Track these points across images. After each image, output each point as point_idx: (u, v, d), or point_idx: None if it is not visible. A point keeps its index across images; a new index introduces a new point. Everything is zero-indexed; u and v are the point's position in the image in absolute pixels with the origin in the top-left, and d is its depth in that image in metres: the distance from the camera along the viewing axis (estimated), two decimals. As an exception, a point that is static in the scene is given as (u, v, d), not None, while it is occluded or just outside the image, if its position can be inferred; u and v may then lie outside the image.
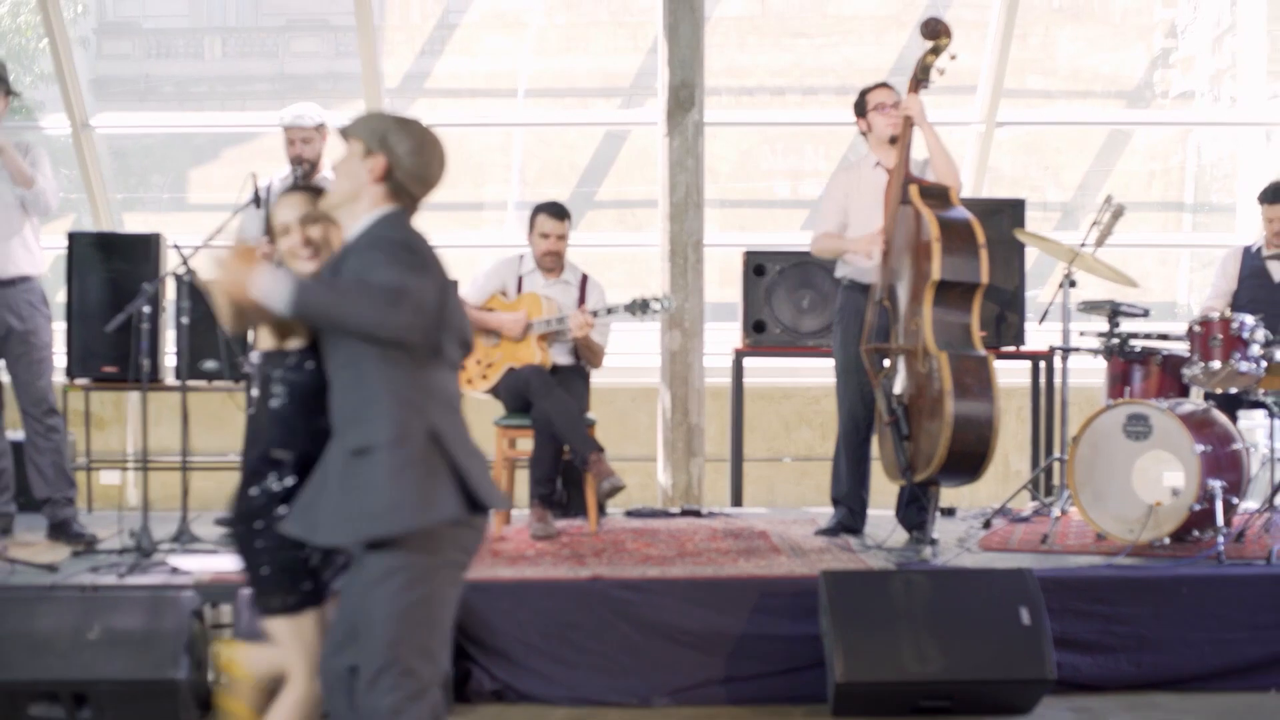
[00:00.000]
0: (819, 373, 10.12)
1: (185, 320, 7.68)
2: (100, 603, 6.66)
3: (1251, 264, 8.84)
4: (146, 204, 13.16)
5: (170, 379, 9.55)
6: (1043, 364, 9.81)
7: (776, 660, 6.88)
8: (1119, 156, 13.44)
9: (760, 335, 9.77)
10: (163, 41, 13.98)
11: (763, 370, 11.10)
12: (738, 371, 9.90)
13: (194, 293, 7.72)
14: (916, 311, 7.40)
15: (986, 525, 8.54)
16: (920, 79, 7.65)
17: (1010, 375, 10.32)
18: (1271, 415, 8.08)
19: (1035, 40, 13.07)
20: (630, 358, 10.97)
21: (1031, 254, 10.39)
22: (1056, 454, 8.73)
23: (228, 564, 7.39)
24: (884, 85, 7.99)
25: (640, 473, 10.86)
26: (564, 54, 13.35)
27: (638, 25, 12.74)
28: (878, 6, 13.07)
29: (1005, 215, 9.57)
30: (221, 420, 10.39)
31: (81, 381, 9.57)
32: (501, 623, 6.86)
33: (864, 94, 8.04)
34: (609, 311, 8.24)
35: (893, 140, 7.85)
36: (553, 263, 8.42)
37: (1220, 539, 7.42)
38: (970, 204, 9.04)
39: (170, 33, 14.48)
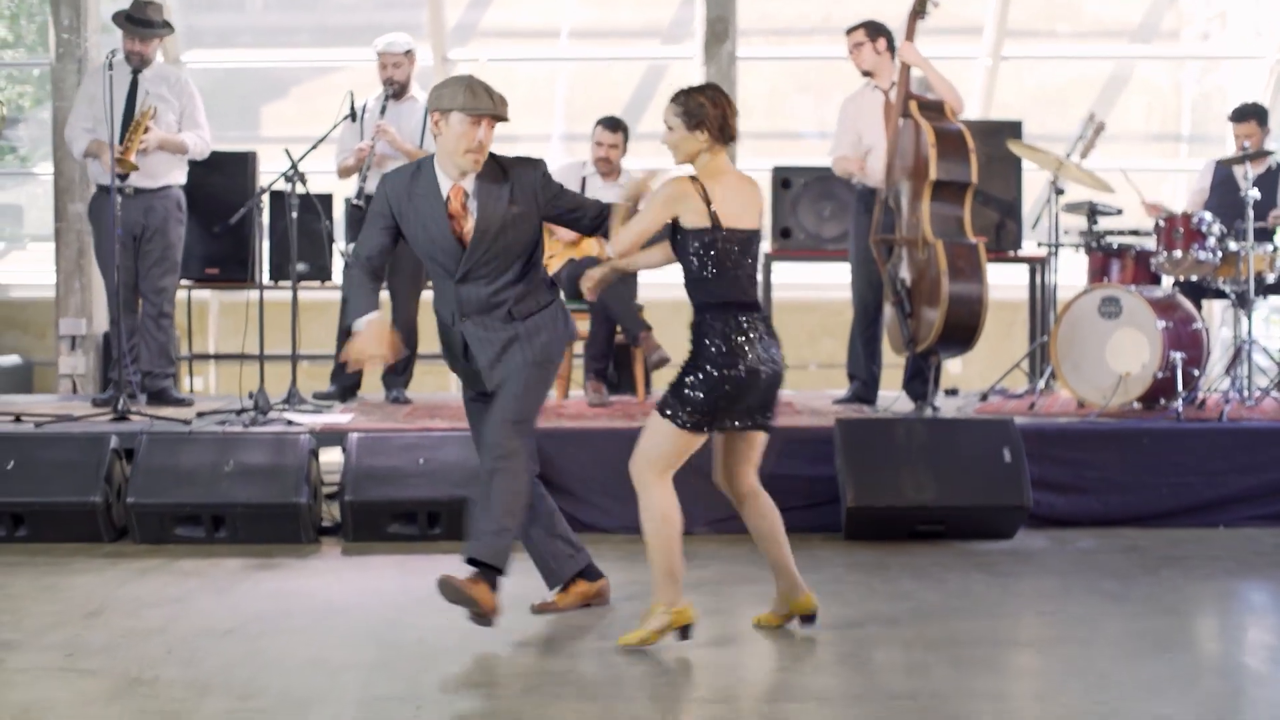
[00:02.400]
0: (841, 288, 11.32)
1: (294, 215, 8.92)
2: (234, 443, 7.99)
3: (1221, 173, 10.04)
4: (224, 138, 14.28)
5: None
6: (1038, 267, 11.00)
7: (798, 496, 8.13)
8: (1121, 92, 14.58)
9: (787, 241, 11.02)
10: (205, -7, 14.54)
11: (789, 285, 12.27)
12: (766, 274, 11.14)
13: (303, 200, 8.95)
14: (917, 208, 8.64)
15: (983, 399, 9.78)
16: (919, 10, 8.86)
17: (1010, 287, 11.50)
18: (1232, 303, 9.30)
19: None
20: (667, 273, 12.18)
21: (1039, 180, 11.54)
22: (1044, 337, 9.97)
23: (335, 419, 8.72)
24: (847, 32, 9.22)
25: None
26: (603, 5, 14.43)
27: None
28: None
29: (1004, 134, 10.75)
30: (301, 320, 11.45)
31: (186, 282, 10.81)
32: (568, 464, 8.15)
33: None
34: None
35: (865, 73, 9.19)
36: (607, 168, 9.66)
37: (1179, 401, 8.66)
38: (974, 125, 10.25)
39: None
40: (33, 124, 15.65)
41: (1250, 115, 9.96)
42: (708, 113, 5.68)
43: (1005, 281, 11.19)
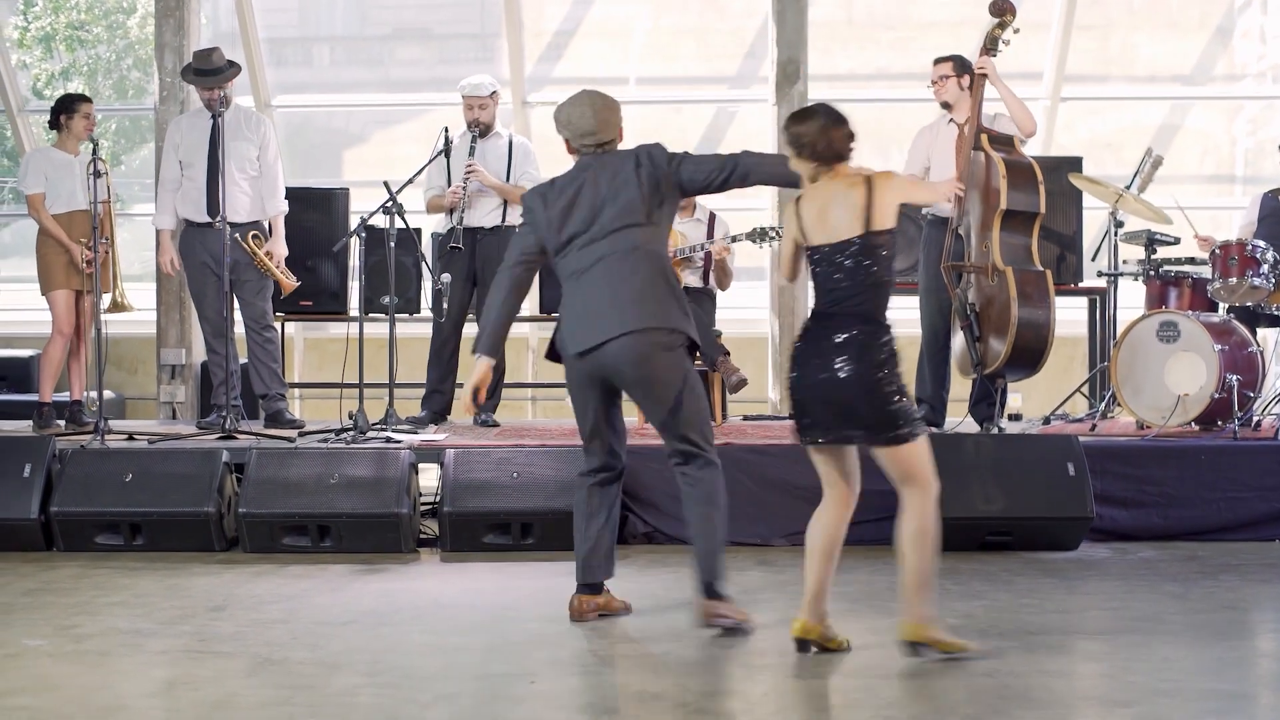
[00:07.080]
0: (907, 323, 11.69)
1: (393, 244, 9.41)
2: (338, 457, 8.47)
3: (1270, 205, 10.40)
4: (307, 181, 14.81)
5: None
6: (1098, 300, 11.38)
7: (871, 510, 8.36)
8: (1175, 136, 14.99)
9: (855, 275, 11.43)
10: (274, 50, 14.88)
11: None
12: (835, 308, 11.56)
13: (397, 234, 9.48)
14: (987, 236, 9.07)
15: (1045, 423, 10.18)
16: (989, 48, 9.30)
17: (1070, 322, 11.85)
18: (1288, 329, 9.70)
19: (1117, 40, 14.64)
20: (738, 311, 12.65)
21: (1098, 217, 11.95)
22: (1104, 362, 10.36)
23: (431, 437, 9.19)
24: (935, 62, 9.66)
25: (746, 410, 12.50)
26: (668, 60, 14.92)
27: (731, 32, 14.38)
28: (952, 12, 14.51)
29: (1065, 169, 11.16)
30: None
31: (279, 314, 11.28)
32: (652, 479, 8.58)
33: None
34: (732, 240, 9.97)
35: (944, 105, 9.57)
36: (685, 203, 10.11)
37: (1235, 421, 9.04)
38: (1037, 161, 10.69)
39: (281, 42, 15.43)
40: (126, 169, 16.26)
41: (1303, 148, 10.37)
42: (805, 141, 6.08)
43: (1065, 316, 11.56)
